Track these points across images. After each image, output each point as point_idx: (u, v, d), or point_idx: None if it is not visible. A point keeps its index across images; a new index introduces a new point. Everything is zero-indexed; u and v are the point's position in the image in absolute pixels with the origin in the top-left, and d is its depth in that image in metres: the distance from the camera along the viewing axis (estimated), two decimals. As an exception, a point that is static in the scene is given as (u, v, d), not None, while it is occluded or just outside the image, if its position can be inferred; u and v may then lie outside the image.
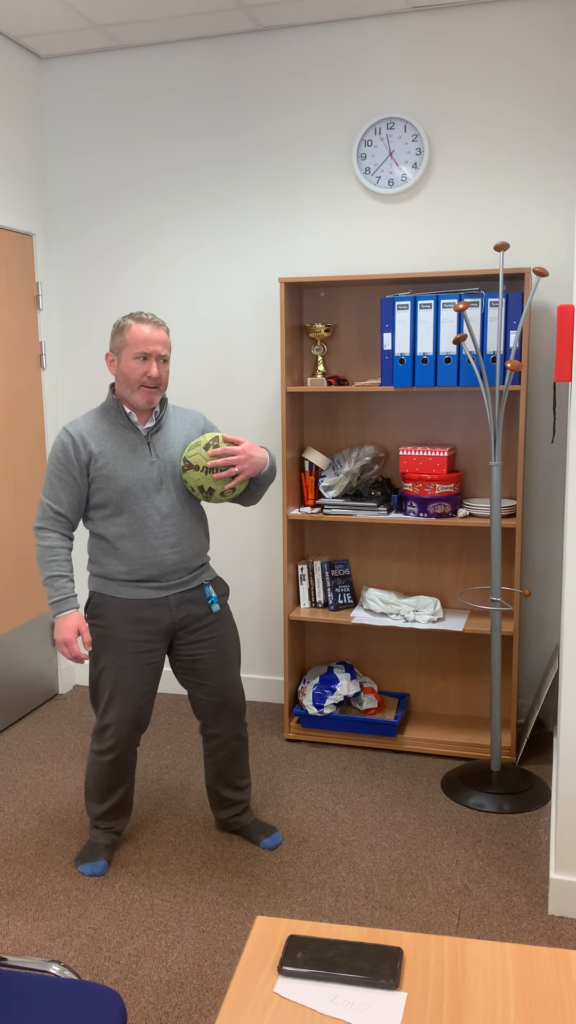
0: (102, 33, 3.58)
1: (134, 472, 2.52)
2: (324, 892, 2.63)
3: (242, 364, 3.84)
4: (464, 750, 3.46)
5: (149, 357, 2.48)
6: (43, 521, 2.55)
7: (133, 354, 2.47)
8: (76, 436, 2.52)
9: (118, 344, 2.51)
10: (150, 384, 2.50)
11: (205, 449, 2.50)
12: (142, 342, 2.47)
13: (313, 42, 3.53)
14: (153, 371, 2.48)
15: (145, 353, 2.47)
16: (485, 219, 3.46)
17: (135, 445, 2.55)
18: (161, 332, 2.50)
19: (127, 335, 2.48)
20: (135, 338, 2.47)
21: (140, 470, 2.53)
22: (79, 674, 4.32)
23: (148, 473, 2.53)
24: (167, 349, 2.51)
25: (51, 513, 2.54)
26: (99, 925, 2.49)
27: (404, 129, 3.46)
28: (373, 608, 3.52)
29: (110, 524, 2.54)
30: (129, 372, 2.49)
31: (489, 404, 3.03)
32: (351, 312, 3.61)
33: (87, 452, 2.51)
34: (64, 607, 2.51)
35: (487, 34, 3.34)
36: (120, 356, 2.50)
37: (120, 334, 2.50)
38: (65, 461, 2.52)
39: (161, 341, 2.49)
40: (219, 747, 2.78)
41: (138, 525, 2.53)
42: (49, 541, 2.53)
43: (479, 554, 3.60)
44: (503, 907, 2.56)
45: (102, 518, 2.55)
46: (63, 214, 3.97)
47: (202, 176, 3.76)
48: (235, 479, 2.51)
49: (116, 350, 2.52)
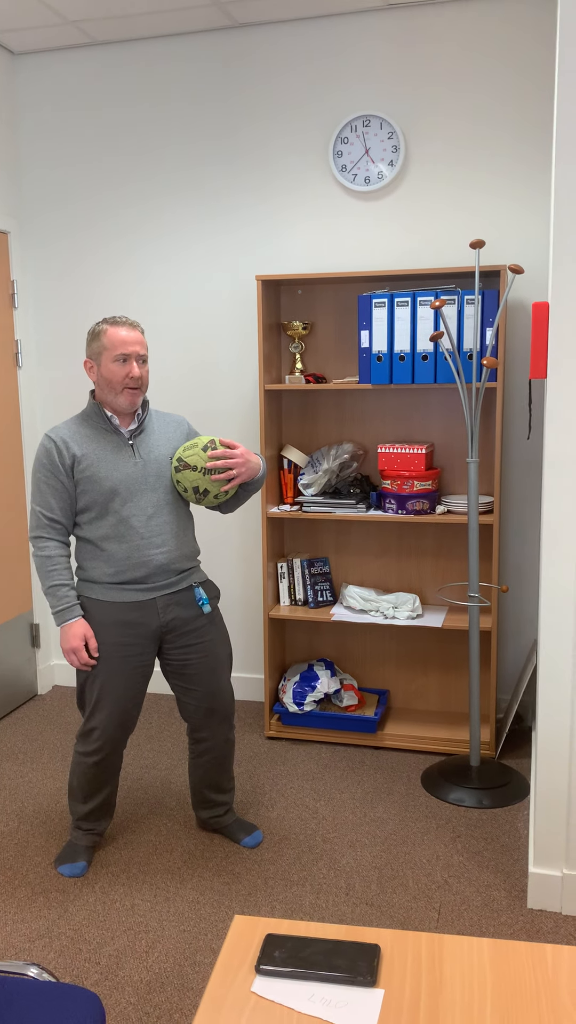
0: (76, 29, 3.56)
1: (118, 473, 2.52)
2: (305, 889, 2.64)
3: (220, 362, 3.83)
4: (444, 746, 3.48)
5: (129, 358, 2.48)
6: (38, 530, 2.54)
7: (113, 357, 2.48)
8: (58, 440, 2.53)
9: (96, 350, 2.51)
10: (133, 385, 2.50)
11: (203, 451, 2.52)
12: (120, 344, 2.47)
13: (289, 39, 3.52)
14: (135, 371, 2.49)
15: (125, 355, 2.48)
16: (461, 216, 3.47)
17: (118, 447, 2.54)
18: (137, 333, 2.51)
19: (104, 340, 2.49)
20: (113, 341, 2.48)
21: (124, 471, 2.52)
22: (59, 675, 4.30)
23: (132, 474, 2.53)
24: (145, 349, 2.52)
25: (45, 521, 2.54)
26: (79, 926, 2.48)
27: (380, 127, 3.46)
28: (353, 605, 3.53)
29: (96, 527, 2.54)
30: (111, 376, 2.49)
31: (466, 401, 3.04)
32: (329, 310, 3.61)
33: (70, 455, 2.51)
34: (69, 615, 2.52)
35: (462, 32, 3.35)
36: (99, 361, 2.51)
37: (97, 340, 2.51)
38: (50, 466, 2.52)
39: (139, 341, 2.50)
40: (206, 751, 2.78)
41: (123, 526, 2.53)
42: (48, 551, 2.53)
43: (457, 550, 3.62)
44: (483, 901, 2.57)
45: (87, 521, 2.55)
46: (38, 212, 3.94)
47: (178, 173, 3.74)
48: (231, 482, 2.53)
49: (94, 356, 2.52)
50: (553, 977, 1.27)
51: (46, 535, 2.53)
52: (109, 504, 2.52)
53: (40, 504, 2.54)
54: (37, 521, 2.54)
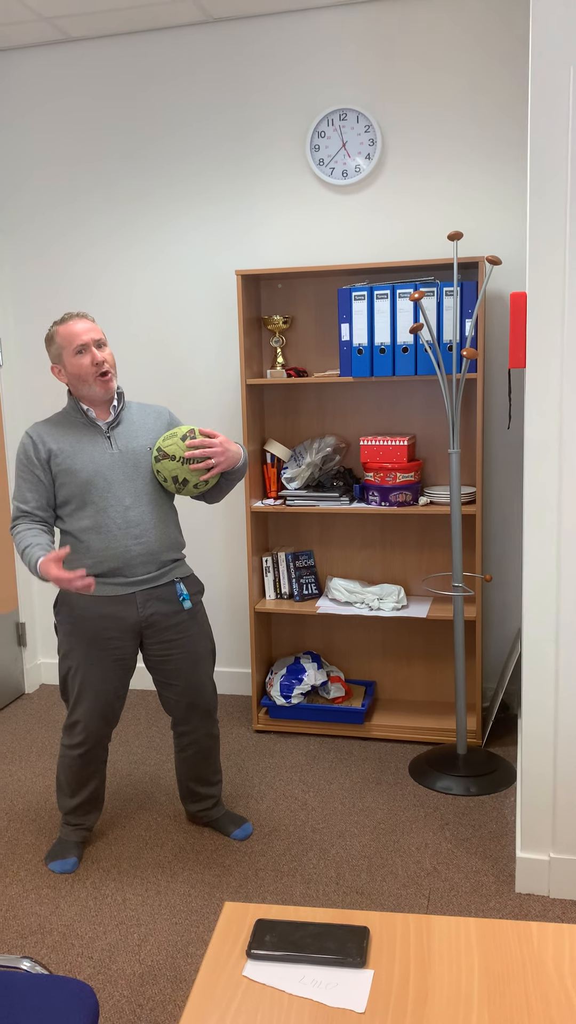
0: (50, 26, 3.55)
1: (93, 464, 2.53)
2: (295, 880, 2.65)
3: (201, 357, 3.84)
4: (431, 735, 3.51)
5: (87, 347, 2.51)
6: (13, 520, 2.59)
7: (72, 352, 2.51)
8: (35, 436, 2.56)
9: (55, 352, 2.55)
10: (101, 370, 2.52)
11: (182, 440, 2.53)
12: (74, 336, 2.50)
13: (264, 33, 3.53)
14: (97, 357, 2.52)
15: (82, 344, 2.50)
16: (439, 209, 3.49)
17: (94, 439, 2.56)
18: (87, 321, 2.54)
19: (59, 340, 2.53)
20: (66, 337, 2.51)
21: (100, 462, 2.53)
22: (46, 673, 4.30)
23: (109, 465, 2.54)
24: (100, 333, 2.55)
25: (19, 512, 2.58)
26: (71, 922, 2.49)
27: (356, 120, 3.47)
28: (338, 598, 3.55)
29: (76, 519, 2.55)
30: (78, 370, 2.51)
31: (447, 392, 3.06)
32: (309, 303, 3.62)
33: (46, 450, 2.53)
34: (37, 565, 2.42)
35: (437, 25, 3.36)
36: (62, 362, 2.54)
37: (52, 342, 2.55)
38: (27, 462, 2.56)
39: (90, 328, 2.53)
40: (190, 744, 2.79)
41: (101, 516, 2.53)
42: (19, 530, 2.54)
43: (441, 541, 3.64)
44: (472, 887, 2.60)
45: (68, 514, 2.56)
46: (13, 207, 3.93)
47: (155, 168, 3.74)
48: (210, 471, 2.54)
49: (56, 358, 2.56)
50: (539, 952, 1.30)
51: (19, 522, 2.56)
52: (87, 496, 2.53)
53: (17, 498, 2.58)
54: (13, 513, 2.59)
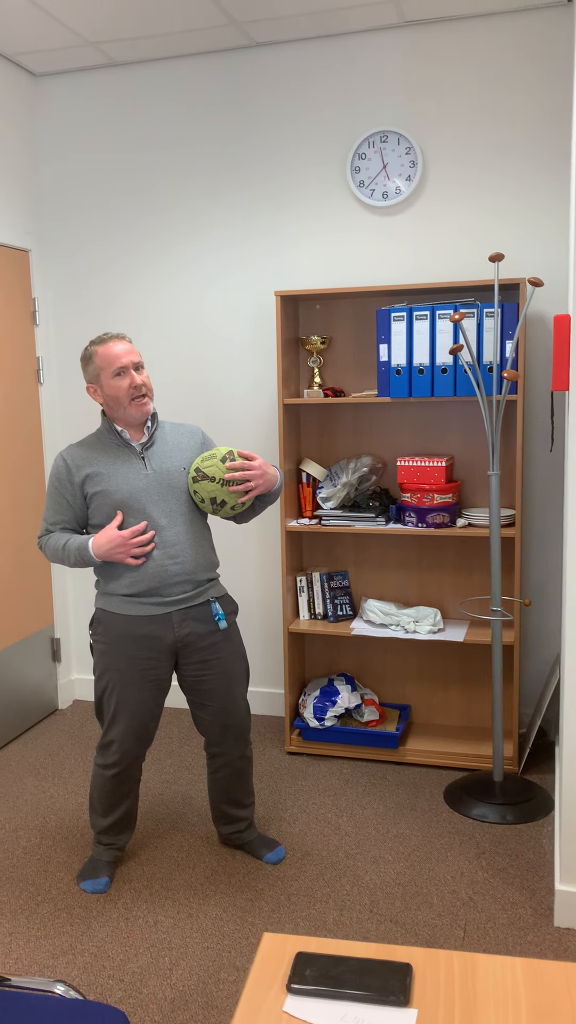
0: (96, 50, 3.60)
1: (128, 486, 2.53)
2: (328, 906, 2.62)
3: (239, 377, 3.85)
4: (466, 761, 3.45)
5: (126, 370, 2.51)
6: (41, 536, 2.64)
7: (111, 374, 2.51)
8: (69, 459, 2.58)
9: (93, 373, 2.55)
10: (138, 394, 2.52)
11: (222, 462, 2.53)
12: (114, 359, 2.51)
13: (306, 57, 3.55)
14: (136, 380, 2.52)
15: (121, 367, 2.51)
16: (480, 230, 3.47)
17: (129, 460, 2.56)
18: (125, 343, 2.55)
19: (97, 361, 2.53)
20: (105, 359, 2.52)
21: (135, 483, 2.54)
22: (79, 689, 4.30)
23: (143, 486, 2.54)
24: (138, 355, 2.56)
25: (46, 531, 2.63)
26: (102, 943, 2.47)
27: (398, 142, 3.47)
28: (373, 619, 3.52)
29: None
30: (115, 392, 2.52)
31: (487, 414, 3.04)
32: (347, 324, 3.62)
33: (81, 474, 2.56)
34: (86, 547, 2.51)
35: (479, 48, 3.36)
36: (100, 382, 2.55)
37: (90, 363, 2.55)
38: (58, 484, 2.59)
39: (130, 351, 2.54)
40: (223, 766, 2.77)
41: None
42: (47, 538, 2.61)
43: (478, 564, 3.60)
44: (509, 919, 2.54)
45: None
46: (59, 230, 3.98)
47: (196, 191, 3.77)
48: (248, 494, 2.54)
49: (93, 379, 2.56)
50: (588, 997, 1.26)
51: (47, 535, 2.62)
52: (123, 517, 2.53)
53: (46, 518, 2.63)
54: (41, 531, 2.64)
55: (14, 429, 3.80)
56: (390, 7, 3.26)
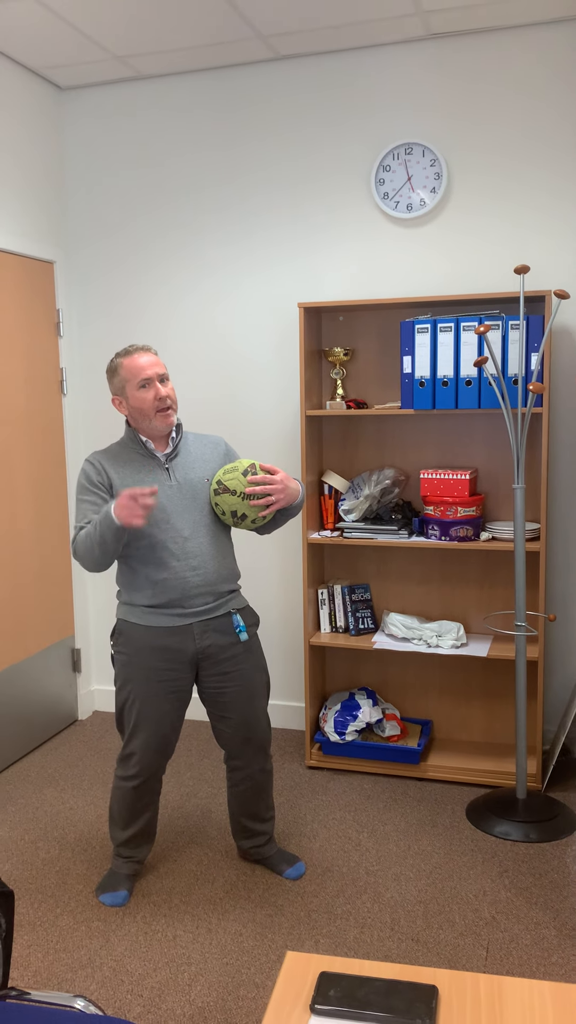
0: (122, 64, 3.63)
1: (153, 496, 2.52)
2: (349, 923, 2.58)
3: (261, 388, 3.84)
4: (489, 777, 3.41)
5: (151, 382, 2.51)
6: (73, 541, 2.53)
7: (136, 386, 2.51)
8: (96, 463, 2.58)
9: (118, 385, 2.55)
10: (163, 406, 2.52)
11: (244, 475, 2.52)
12: (139, 371, 2.51)
13: (331, 69, 3.56)
14: (161, 392, 2.52)
15: (146, 379, 2.50)
16: (505, 242, 3.46)
17: (153, 471, 2.56)
18: (151, 355, 2.54)
19: (123, 372, 2.52)
20: (131, 371, 2.51)
21: (159, 494, 2.53)
22: (99, 700, 4.30)
23: (168, 496, 2.54)
24: (163, 367, 2.55)
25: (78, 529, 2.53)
26: (121, 957, 2.45)
27: (422, 154, 3.47)
28: (395, 633, 3.49)
29: (133, 549, 2.55)
30: (140, 404, 2.52)
31: (511, 426, 3.01)
32: (370, 336, 3.61)
33: (108, 478, 2.55)
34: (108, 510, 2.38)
35: (504, 60, 3.36)
36: (125, 394, 2.54)
37: (116, 374, 2.54)
38: (88, 485, 2.57)
39: (155, 363, 2.53)
40: (243, 779, 2.75)
41: (160, 548, 2.53)
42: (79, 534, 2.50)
43: (502, 578, 3.57)
44: (532, 940, 2.50)
45: (126, 544, 2.56)
46: (83, 242, 4.01)
47: (220, 202, 3.78)
48: (269, 508, 2.53)
49: (118, 391, 2.56)
50: (620, 1024, 1.22)
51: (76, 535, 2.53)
52: (145, 527, 2.53)
53: (77, 520, 2.55)
54: (73, 536, 2.55)
55: (37, 440, 3.82)
56: (416, 20, 3.26)
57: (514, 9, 3.18)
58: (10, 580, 3.67)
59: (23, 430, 3.72)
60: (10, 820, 3.22)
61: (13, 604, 3.69)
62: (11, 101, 3.61)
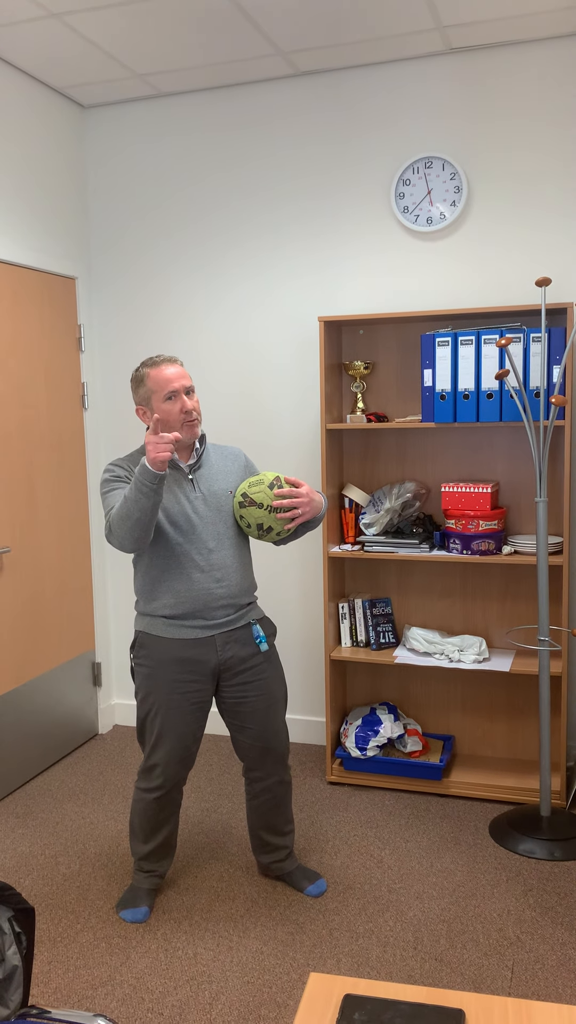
0: (143, 82, 3.66)
1: (179, 507, 2.53)
2: (371, 942, 2.55)
3: (281, 401, 3.84)
4: (512, 794, 3.37)
5: (177, 394, 2.51)
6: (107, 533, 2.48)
7: (163, 397, 2.51)
8: (123, 464, 2.57)
9: (144, 395, 2.54)
10: (189, 418, 2.52)
11: (270, 488, 2.52)
12: (166, 383, 2.50)
13: (351, 84, 3.57)
14: (187, 404, 2.52)
15: (173, 391, 2.50)
16: (526, 254, 3.44)
17: (179, 481, 2.56)
18: (177, 366, 2.54)
19: (149, 383, 2.52)
20: (158, 382, 2.51)
21: (185, 505, 2.53)
22: (119, 714, 4.30)
23: (193, 508, 2.54)
24: (189, 379, 2.55)
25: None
26: (141, 974, 2.44)
27: (442, 168, 3.47)
28: (416, 647, 3.46)
29: (156, 559, 2.55)
30: (165, 415, 2.51)
31: (533, 439, 2.99)
32: (390, 349, 3.61)
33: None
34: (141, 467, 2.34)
35: (524, 73, 3.36)
36: (150, 405, 2.54)
37: (142, 385, 2.54)
38: (114, 479, 2.53)
39: (182, 375, 2.53)
40: (262, 791, 2.74)
41: (184, 559, 2.53)
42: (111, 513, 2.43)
43: (525, 592, 3.54)
44: (558, 961, 2.46)
45: (148, 554, 2.56)
46: (104, 258, 4.04)
47: (240, 218, 3.80)
48: (294, 520, 2.53)
49: (144, 401, 2.55)
50: None
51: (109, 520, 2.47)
52: (169, 537, 2.52)
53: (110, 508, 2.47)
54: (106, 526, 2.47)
55: (59, 453, 3.84)
56: (436, 35, 3.26)
57: (532, 23, 3.18)
58: (31, 593, 3.68)
59: (45, 443, 3.74)
60: (31, 835, 3.22)
61: (34, 617, 3.70)
62: (35, 119, 3.65)
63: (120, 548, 2.44)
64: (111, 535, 2.44)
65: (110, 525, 2.44)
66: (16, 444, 3.57)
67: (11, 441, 3.54)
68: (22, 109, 3.58)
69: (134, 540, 2.41)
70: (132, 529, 2.38)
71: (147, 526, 2.39)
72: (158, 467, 2.32)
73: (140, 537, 2.41)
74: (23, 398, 3.60)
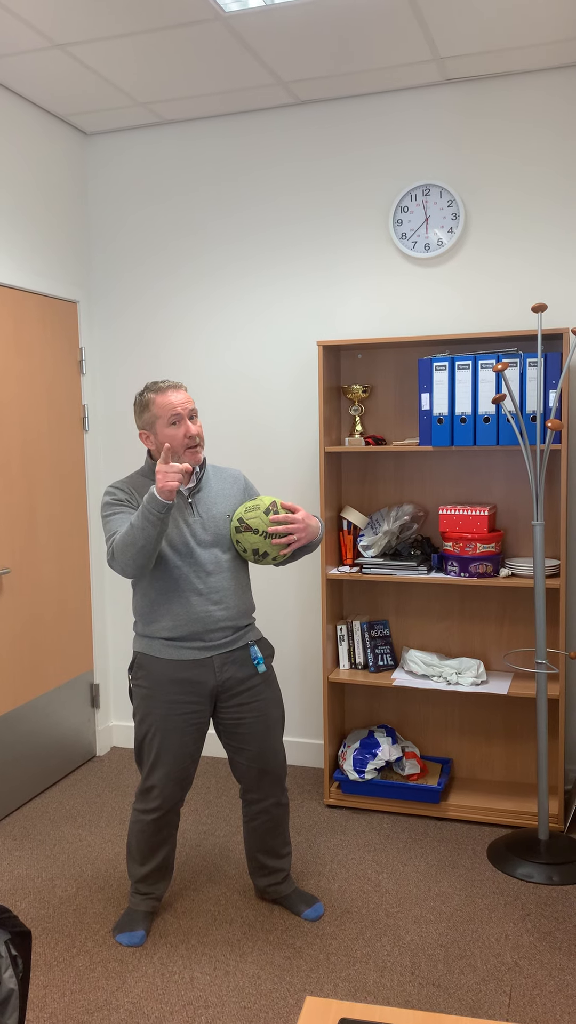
0: (145, 110, 3.72)
1: (178, 530, 2.54)
2: (368, 967, 2.54)
3: (280, 425, 3.87)
4: (510, 818, 3.36)
5: (181, 418, 2.53)
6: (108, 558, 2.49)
7: (167, 423, 2.53)
8: (123, 487, 2.59)
9: (148, 420, 2.56)
10: (193, 444, 2.54)
11: (265, 514, 2.53)
12: (171, 407, 2.52)
13: (350, 114, 3.63)
14: (191, 430, 2.53)
15: (177, 416, 2.52)
16: (521, 281, 3.49)
17: (178, 505, 2.58)
18: (182, 391, 2.56)
19: (154, 408, 2.54)
20: (162, 407, 2.53)
21: (184, 529, 2.55)
22: (117, 736, 4.29)
23: (192, 532, 2.56)
24: (193, 404, 2.57)
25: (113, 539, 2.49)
26: (137, 999, 2.43)
27: (440, 195, 3.52)
28: (414, 670, 3.47)
29: (155, 581, 2.56)
30: (169, 440, 2.53)
31: (530, 463, 3.02)
32: (388, 373, 3.64)
33: (136, 501, 2.57)
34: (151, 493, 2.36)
35: (520, 102, 3.41)
36: (154, 429, 2.56)
37: (147, 410, 2.56)
38: (116, 502, 2.55)
39: (185, 400, 2.55)
40: (259, 813, 2.73)
41: (183, 582, 2.54)
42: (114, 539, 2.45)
43: (522, 615, 3.55)
44: (556, 986, 2.45)
45: (147, 576, 2.57)
46: (106, 282, 4.08)
47: (240, 244, 3.85)
48: (290, 546, 2.54)
49: (147, 425, 2.57)
50: None
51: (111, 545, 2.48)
52: (169, 560, 2.54)
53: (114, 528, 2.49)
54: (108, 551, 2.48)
55: (59, 475, 3.86)
56: (432, 66, 3.32)
57: (528, 55, 3.24)
58: (30, 615, 3.69)
59: (46, 466, 3.77)
60: (28, 857, 3.21)
61: (33, 638, 3.71)
62: (38, 147, 3.70)
63: (122, 574, 2.47)
64: (113, 561, 2.46)
65: (113, 551, 2.46)
66: (17, 465, 3.59)
67: (12, 462, 3.56)
68: (26, 136, 3.64)
69: (137, 567, 2.43)
70: (136, 556, 2.41)
71: (151, 554, 2.42)
72: (166, 496, 2.34)
73: (143, 564, 2.43)
74: (24, 420, 3.63)
